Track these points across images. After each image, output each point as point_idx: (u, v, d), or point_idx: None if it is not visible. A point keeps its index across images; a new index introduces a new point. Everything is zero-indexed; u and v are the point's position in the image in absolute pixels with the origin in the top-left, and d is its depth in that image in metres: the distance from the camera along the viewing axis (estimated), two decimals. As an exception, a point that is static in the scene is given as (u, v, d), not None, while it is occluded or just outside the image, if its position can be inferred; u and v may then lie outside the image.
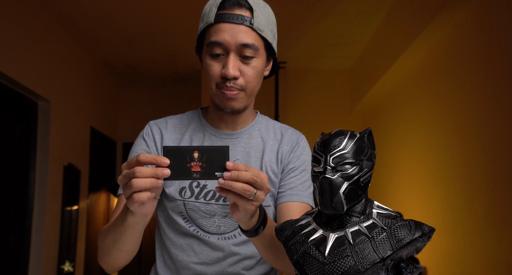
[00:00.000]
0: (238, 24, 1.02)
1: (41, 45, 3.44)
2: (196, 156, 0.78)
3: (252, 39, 1.03)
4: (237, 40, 1.02)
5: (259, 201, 0.83)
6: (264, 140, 1.18)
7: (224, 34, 1.02)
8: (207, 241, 1.12)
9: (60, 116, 3.71)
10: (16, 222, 3.26)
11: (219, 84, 1.06)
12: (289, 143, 1.19)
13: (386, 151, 4.05)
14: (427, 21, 2.78)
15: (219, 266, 1.13)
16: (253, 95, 1.13)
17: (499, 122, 2.28)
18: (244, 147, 1.16)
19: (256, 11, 1.04)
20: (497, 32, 2.31)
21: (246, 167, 0.81)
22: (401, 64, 3.45)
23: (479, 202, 2.46)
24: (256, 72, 1.07)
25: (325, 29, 3.92)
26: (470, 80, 2.58)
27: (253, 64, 1.06)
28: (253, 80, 1.08)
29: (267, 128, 1.21)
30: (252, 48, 1.04)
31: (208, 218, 1.11)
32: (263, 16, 1.06)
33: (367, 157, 0.73)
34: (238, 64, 1.04)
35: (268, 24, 1.08)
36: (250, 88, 1.09)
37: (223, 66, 1.04)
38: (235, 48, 1.03)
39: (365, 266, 0.68)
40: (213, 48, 1.04)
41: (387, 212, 0.74)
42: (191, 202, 1.11)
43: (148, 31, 3.98)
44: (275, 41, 1.13)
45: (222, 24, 1.03)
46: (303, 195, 1.14)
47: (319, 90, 4.94)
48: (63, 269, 3.73)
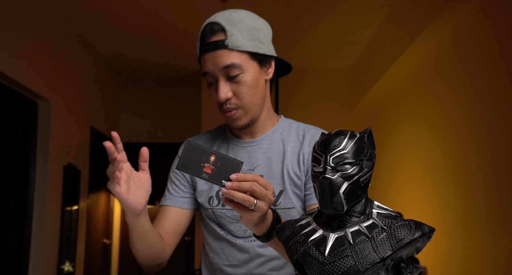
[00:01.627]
0: (215, 51, 1.09)
1: (41, 45, 3.44)
2: (212, 159, 0.84)
3: (231, 59, 1.09)
4: (218, 65, 1.09)
5: (260, 212, 0.86)
6: (285, 143, 1.21)
7: (208, 64, 1.10)
8: (235, 244, 1.18)
9: (60, 116, 3.71)
10: (16, 222, 3.26)
11: (220, 108, 1.15)
12: (311, 142, 1.20)
13: (386, 151, 4.05)
14: (427, 21, 2.78)
15: (246, 268, 1.18)
16: (255, 106, 1.17)
17: (499, 122, 2.28)
18: (265, 153, 1.20)
19: (229, 30, 1.09)
20: (497, 32, 2.31)
21: (254, 177, 0.85)
22: (401, 64, 3.45)
23: (479, 202, 2.46)
24: (247, 86, 1.11)
25: (325, 29, 3.92)
26: (470, 80, 2.58)
27: (241, 80, 1.10)
28: (247, 95, 1.12)
29: (290, 131, 1.24)
30: (234, 67, 1.09)
31: (235, 223, 1.18)
32: (239, 30, 1.10)
33: (367, 157, 0.73)
34: (228, 86, 1.11)
35: (248, 35, 1.11)
36: (246, 103, 1.13)
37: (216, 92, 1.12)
38: (220, 73, 1.10)
39: (365, 266, 0.68)
40: (206, 78, 1.13)
41: (387, 212, 0.74)
42: (218, 209, 1.19)
43: (148, 31, 3.98)
44: (265, 44, 1.16)
45: (205, 55, 1.11)
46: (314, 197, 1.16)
47: (319, 90, 4.94)
48: (63, 269, 3.73)
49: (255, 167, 1.18)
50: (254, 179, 0.85)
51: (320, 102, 4.92)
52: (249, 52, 1.11)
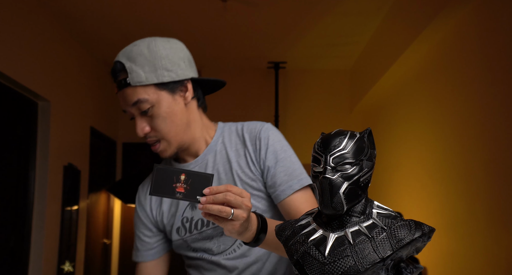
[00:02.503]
0: (122, 90, 1.11)
1: (41, 45, 3.44)
2: (182, 178, 0.85)
3: (136, 96, 1.09)
4: (128, 103, 1.11)
5: (239, 220, 0.87)
6: (228, 149, 1.20)
7: (121, 102, 1.13)
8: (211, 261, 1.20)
9: (60, 116, 3.71)
10: (16, 222, 3.26)
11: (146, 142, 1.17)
12: (252, 140, 1.19)
13: (386, 150, 4.05)
14: (427, 21, 2.78)
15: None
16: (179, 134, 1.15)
17: (500, 122, 2.28)
18: (212, 166, 1.20)
19: (129, 67, 1.08)
20: (497, 32, 2.31)
21: (227, 187, 0.86)
22: (401, 64, 3.45)
23: (479, 202, 2.46)
24: (161, 118, 1.11)
25: (325, 29, 3.92)
26: (471, 80, 2.58)
27: (155, 113, 1.10)
28: (165, 127, 1.12)
29: (230, 137, 1.22)
30: (142, 102, 1.09)
31: (208, 242, 1.18)
32: (139, 65, 1.08)
33: (367, 157, 0.73)
34: (144, 120, 1.12)
35: (150, 67, 1.09)
36: (165, 134, 1.13)
37: None
38: (133, 110, 1.11)
39: (365, 266, 0.68)
40: (127, 114, 1.16)
41: (387, 212, 0.74)
42: (188, 237, 1.20)
43: (148, 31, 3.98)
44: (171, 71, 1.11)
45: (118, 94, 1.13)
46: (294, 183, 1.13)
47: (319, 90, 4.94)
48: (63, 269, 3.72)
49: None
50: (227, 189, 0.86)
51: (320, 102, 4.91)
52: (154, 84, 1.10)
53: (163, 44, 1.15)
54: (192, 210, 1.19)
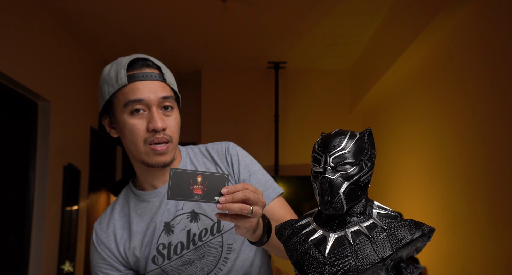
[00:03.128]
0: (153, 81, 1.09)
1: (41, 45, 3.44)
2: (199, 180, 0.85)
3: (168, 92, 1.11)
4: (157, 94, 1.08)
5: (257, 216, 0.88)
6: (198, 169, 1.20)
7: (143, 91, 1.07)
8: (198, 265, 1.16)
9: (60, 116, 3.71)
10: (16, 222, 3.26)
11: (147, 140, 1.08)
12: (221, 158, 1.21)
13: (386, 150, 4.05)
14: (427, 21, 2.78)
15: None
16: (176, 146, 1.16)
17: (499, 122, 2.28)
18: None
19: (162, 68, 1.12)
20: (497, 32, 2.31)
21: (244, 185, 0.86)
22: (401, 64, 3.45)
23: (479, 202, 2.46)
24: (177, 122, 1.13)
25: (325, 29, 3.92)
26: (470, 80, 2.58)
27: (174, 115, 1.12)
28: (177, 131, 1.13)
29: (196, 158, 1.23)
30: (170, 99, 1.11)
31: (189, 267, 1.15)
32: (169, 73, 1.14)
33: (367, 157, 0.73)
34: (162, 117, 1.09)
35: (174, 81, 1.16)
36: (175, 138, 1.13)
37: (148, 121, 1.07)
38: (156, 102, 1.08)
39: (365, 266, 0.68)
40: (134, 106, 1.07)
41: (387, 212, 0.74)
42: (166, 264, 1.15)
43: (148, 31, 3.98)
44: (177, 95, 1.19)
45: (138, 83, 1.07)
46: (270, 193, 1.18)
47: (319, 90, 4.94)
48: (63, 269, 3.72)
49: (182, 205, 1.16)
50: (244, 187, 0.86)
51: (320, 102, 4.91)
52: (176, 94, 1.16)
53: None
54: (169, 235, 1.14)
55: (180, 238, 1.14)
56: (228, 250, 1.15)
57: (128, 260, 1.17)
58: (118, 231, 1.18)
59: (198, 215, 1.15)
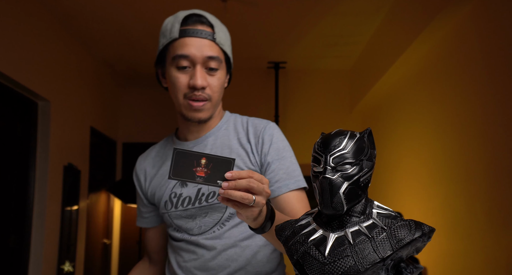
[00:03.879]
0: (202, 38, 1.12)
1: (41, 45, 3.44)
2: (203, 162, 0.83)
3: (216, 52, 1.13)
4: (203, 53, 1.11)
5: (259, 206, 0.86)
6: (230, 137, 1.23)
7: (190, 47, 1.11)
8: (191, 241, 1.20)
9: (60, 116, 3.71)
10: (16, 222, 3.26)
11: (187, 95, 1.13)
12: (256, 133, 1.22)
13: (386, 150, 4.05)
14: (427, 21, 2.78)
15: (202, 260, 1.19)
16: (218, 105, 1.21)
17: (499, 122, 2.28)
18: (210, 149, 1.21)
19: (216, 27, 1.15)
20: (497, 32, 2.31)
21: (249, 173, 0.85)
22: (401, 64, 3.45)
23: (479, 202, 2.46)
24: (220, 83, 1.16)
25: (325, 29, 3.92)
26: (471, 80, 2.58)
27: (217, 75, 1.15)
28: (218, 91, 1.16)
29: (235, 126, 1.26)
30: (216, 60, 1.13)
31: (191, 221, 1.19)
32: (222, 32, 1.17)
33: (367, 157, 0.73)
34: (205, 75, 1.13)
35: (227, 40, 1.19)
36: (215, 98, 1.16)
37: (190, 77, 1.12)
38: (201, 61, 1.12)
39: (365, 266, 0.68)
40: (180, 61, 1.12)
41: (387, 212, 0.74)
42: (172, 212, 1.21)
43: (148, 31, 3.98)
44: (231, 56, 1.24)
45: (188, 38, 1.12)
46: (290, 183, 1.16)
47: (319, 90, 4.94)
48: (63, 269, 3.73)
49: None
50: (249, 175, 0.84)
51: (320, 102, 4.91)
52: (226, 55, 1.18)
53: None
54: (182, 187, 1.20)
55: (190, 193, 1.19)
56: (228, 217, 1.18)
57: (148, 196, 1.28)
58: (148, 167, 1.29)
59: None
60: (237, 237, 1.17)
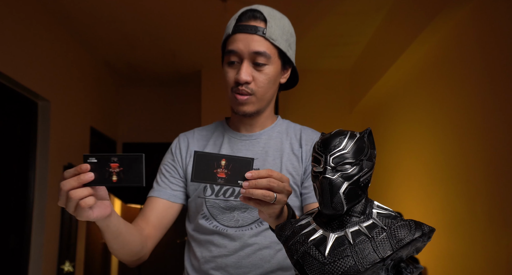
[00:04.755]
0: (251, 34, 1.13)
1: (41, 45, 3.44)
2: (223, 164, 0.85)
3: (264, 48, 1.12)
4: (250, 48, 1.12)
5: (281, 204, 0.88)
6: (283, 140, 1.24)
7: (239, 43, 1.13)
8: (226, 234, 1.18)
9: (60, 116, 3.71)
10: (16, 222, 3.26)
11: (233, 89, 1.15)
12: (309, 142, 1.24)
13: (386, 151, 4.05)
14: (427, 21, 2.78)
15: (237, 257, 1.17)
16: (266, 100, 1.20)
17: (499, 122, 2.28)
18: (263, 147, 1.23)
19: (269, 22, 1.15)
20: (497, 32, 2.31)
21: (268, 172, 0.86)
22: (401, 64, 3.45)
23: (479, 202, 2.46)
24: (267, 78, 1.15)
25: (325, 29, 3.92)
26: (470, 80, 2.58)
27: (265, 71, 1.14)
28: (264, 86, 1.15)
29: (287, 130, 1.28)
30: (264, 55, 1.12)
31: (228, 213, 1.18)
32: (277, 26, 1.16)
33: (367, 157, 0.73)
34: (251, 70, 1.13)
35: (283, 34, 1.17)
36: (261, 93, 1.16)
37: (237, 72, 1.14)
38: (248, 56, 1.12)
39: (365, 266, 0.68)
40: (229, 56, 1.14)
41: (387, 212, 0.74)
42: (211, 199, 1.19)
43: (148, 31, 3.98)
44: (292, 50, 1.21)
45: (238, 35, 1.13)
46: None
47: (319, 90, 4.94)
48: (63, 269, 3.72)
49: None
50: (269, 174, 0.86)
51: (320, 102, 4.91)
52: (279, 50, 1.16)
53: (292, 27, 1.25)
54: None
55: None
56: None
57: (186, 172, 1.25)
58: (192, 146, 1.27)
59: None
60: (272, 238, 1.17)
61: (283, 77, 1.23)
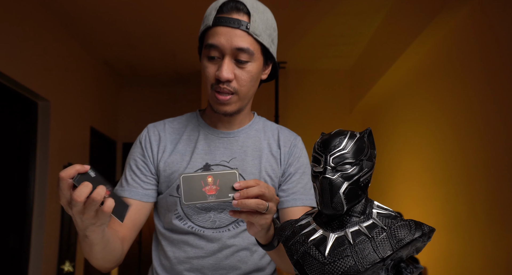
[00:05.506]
0: (234, 28, 1.04)
1: (41, 45, 3.44)
2: (209, 181, 0.85)
3: (247, 44, 1.05)
4: (232, 44, 1.04)
5: (272, 213, 0.87)
6: (261, 139, 1.21)
7: (220, 37, 1.04)
8: (202, 235, 1.14)
9: (60, 116, 3.71)
10: (16, 222, 3.26)
11: (213, 86, 1.09)
12: (287, 143, 1.21)
13: (386, 151, 4.05)
14: (427, 21, 2.78)
15: (214, 259, 1.14)
16: (247, 98, 1.15)
17: (499, 122, 2.28)
18: (241, 146, 1.18)
19: (253, 15, 1.06)
20: (497, 32, 2.31)
21: (256, 181, 0.85)
22: (401, 64, 3.45)
23: (479, 202, 2.46)
24: (250, 76, 1.08)
25: (325, 29, 3.92)
26: (470, 80, 2.58)
27: (247, 68, 1.07)
28: (247, 84, 1.09)
29: (265, 129, 1.24)
30: (247, 52, 1.05)
31: (204, 214, 1.13)
32: (261, 21, 1.07)
33: (367, 157, 0.73)
34: (233, 67, 1.06)
35: (266, 29, 1.09)
36: (243, 92, 1.10)
37: (218, 68, 1.06)
38: (230, 52, 1.05)
39: (365, 266, 0.68)
40: (210, 51, 1.06)
41: (387, 212, 0.74)
42: None
43: (148, 31, 3.98)
44: (274, 45, 1.14)
45: (219, 28, 1.05)
46: (305, 198, 1.16)
47: (319, 90, 4.94)
48: (63, 269, 3.72)
49: (230, 159, 1.16)
50: (257, 183, 0.85)
51: (320, 102, 4.91)
52: (262, 46, 1.10)
53: (275, 21, 1.16)
54: None
55: None
56: None
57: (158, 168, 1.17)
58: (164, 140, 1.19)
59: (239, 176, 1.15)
60: (250, 240, 1.16)
61: (264, 73, 1.17)
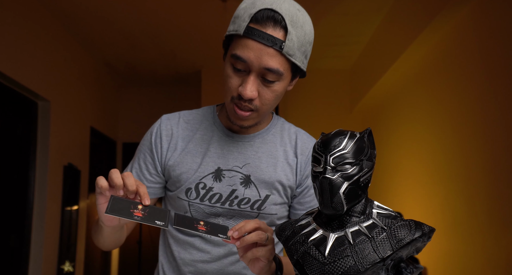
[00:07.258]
0: (266, 46, 0.95)
1: (41, 45, 3.44)
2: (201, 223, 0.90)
3: (277, 64, 0.96)
4: (262, 63, 0.96)
5: (272, 243, 0.91)
6: (277, 146, 1.15)
7: (250, 52, 0.95)
8: (209, 239, 1.13)
9: (60, 116, 3.71)
10: (16, 222, 3.26)
11: (234, 99, 1.02)
12: (305, 151, 1.15)
13: (386, 150, 4.05)
14: (427, 21, 2.78)
15: (219, 264, 1.13)
16: (267, 114, 1.09)
17: (499, 122, 2.28)
18: (256, 152, 1.13)
19: (290, 33, 0.96)
20: (496, 32, 2.31)
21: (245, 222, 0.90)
22: (401, 64, 3.45)
23: (479, 202, 2.46)
24: (275, 95, 1.02)
25: (325, 29, 3.92)
26: (470, 80, 2.58)
27: (273, 87, 1.00)
28: (270, 103, 1.03)
29: (282, 133, 1.18)
30: (275, 73, 0.97)
31: (213, 218, 1.11)
32: (297, 37, 0.97)
33: (367, 157, 0.73)
34: (257, 85, 0.99)
35: (302, 46, 0.99)
36: (264, 110, 1.04)
37: (241, 82, 0.99)
38: (258, 70, 0.97)
39: (365, 266, 0.68)
40: (236, 62, 0.98)
41: (387, 212, 0.74)
42: (195, 203, 1.11)
43: (148, 31, 3.98)
44: (306, 60, 1.05)
45: (250, 41, 0.95)
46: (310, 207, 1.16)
47: (319, 90, 4.94)
48: (63, 269, 3.72)
49: (243, 165, 1.11)
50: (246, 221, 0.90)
51: (320, 102, 4.91)
52: (294, 65, 1.01)
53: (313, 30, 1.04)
54: (214, 181, 1.10)
55: (223, 190, 1.10)
56: None
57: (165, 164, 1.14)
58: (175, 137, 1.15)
59: (251, 183, 1.11)
60: None
61: (290, 84, 1.08)
